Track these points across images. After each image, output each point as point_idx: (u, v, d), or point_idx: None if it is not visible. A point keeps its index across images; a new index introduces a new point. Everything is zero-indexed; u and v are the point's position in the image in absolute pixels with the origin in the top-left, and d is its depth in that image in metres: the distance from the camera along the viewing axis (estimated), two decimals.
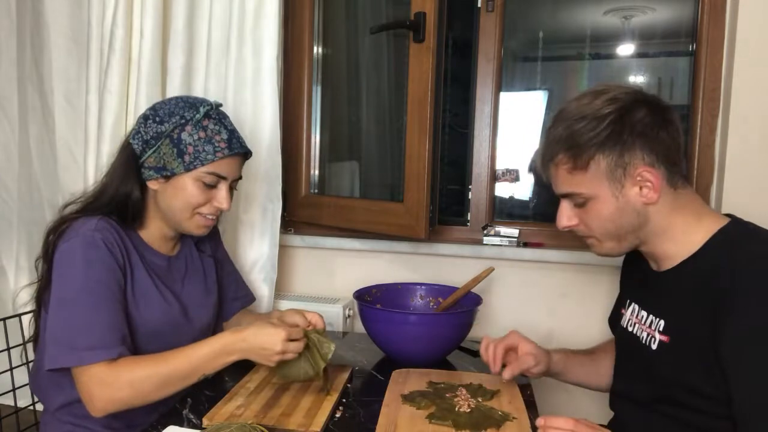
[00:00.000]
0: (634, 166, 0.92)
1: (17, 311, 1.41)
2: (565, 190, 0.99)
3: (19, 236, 1.89)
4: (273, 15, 1.58)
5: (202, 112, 1.13)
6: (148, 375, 1.03)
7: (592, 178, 0.94)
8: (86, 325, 1.02)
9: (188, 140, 1.11)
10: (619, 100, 0.93)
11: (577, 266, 1.59)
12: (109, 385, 1.01)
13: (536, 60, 2.08)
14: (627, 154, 0.92)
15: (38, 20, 1.77)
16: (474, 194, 1.76)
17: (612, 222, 0.96)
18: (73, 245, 1.06)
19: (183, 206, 1.15)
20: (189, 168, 1.11)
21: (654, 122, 0.92)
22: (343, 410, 1.09)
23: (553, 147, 0.97)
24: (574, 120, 0.94)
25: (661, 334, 0.96)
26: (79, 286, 1.04)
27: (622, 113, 0.92)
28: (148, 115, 1.14)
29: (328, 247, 1.79)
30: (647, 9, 1.88)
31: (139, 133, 1.14)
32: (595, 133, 0.92)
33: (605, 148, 0.92)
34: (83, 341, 1.01)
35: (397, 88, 1.81)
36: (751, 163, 1.42)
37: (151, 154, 1.12)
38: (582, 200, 0.97)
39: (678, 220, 0.95)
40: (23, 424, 1.33)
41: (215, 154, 1.12)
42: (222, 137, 1.13)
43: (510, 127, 1.80)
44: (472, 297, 1.43)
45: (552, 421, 0.82)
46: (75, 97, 1.76)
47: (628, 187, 0.94)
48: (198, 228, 1.18)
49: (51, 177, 1.82)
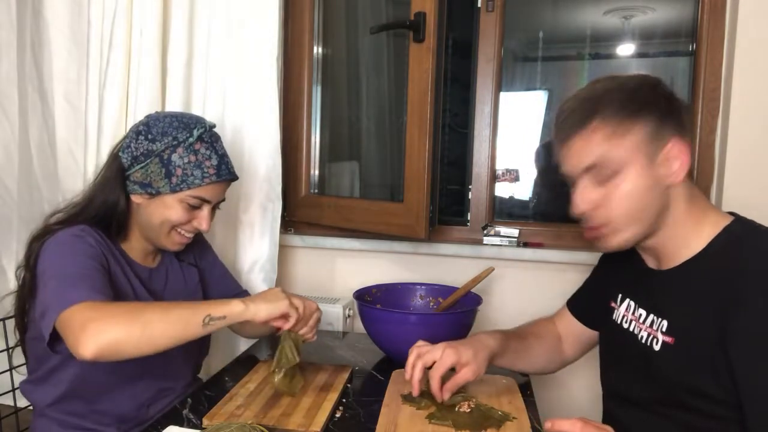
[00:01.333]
0: (668, 139, 0.89)
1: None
2: (591, 159, 0.91)
3: (19, 236, 1.89)
4: (273, 15, 1.58)
5: (196, 135, 1.12)
6: (139, 307, 0.99)
7: (628, 146, 0.89)
8: (72, 285, 0.97)
9: (178, 162, 1.11)
10: (640, 76, 0.93)
11: (577, 266, 1.59)
12: (95, 319, 0.90)
13: (536, 60, 2.08)
14: (666, 125, 0.89)
15: (38, 20, 1.77)
16: (474, 194, 1.77)
17: (639, 200, 0.90)
18: (58, 238, 1.06)
19: (162, 222, 1.14)
20: (175, 190, 1.12)
21: (679, 104, 0.92)
22: (343, 410, 1.09)
23: (582, 115, 0.91)
24: (605, 91, 0.91)
25: (665, 335, 0.94)
26: (65, 262, 1.03)
27: (655, 84, 0.91)
28: (141, 130, 1.13)
29: (328, 247, 1.79)
30: (647, 9, 1.88)
31: (129, 148, 1.14)
32: (633, 97, 0.89)
33: (645, 113, 0.89)
34: (68, 291, 0.96)
35: (397, 88, 1.82)
36: (751, 163, 1.42)
37: (138, 170, 1.12)
38: (609, 172, 0.90)
39: (691, 214, 0.93)
40: (23, 424, 1.33)
41: (203, 180, 1.12)
42: (212, 163, 1.14)
43: (510, 127, 1.80)
44: (472, 297, 1.43)
45: (559, 424, 0.80)
46: (75, 97, 1.76)
47: (660, 161, 0.90)
48: (173, 244, 1.19)
49: (51, 177, 1.81)
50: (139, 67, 1.59)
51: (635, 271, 1.04)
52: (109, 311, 0.93)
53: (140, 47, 1.59)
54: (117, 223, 1.15)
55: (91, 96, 1.66)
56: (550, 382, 1.61)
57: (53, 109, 1.78)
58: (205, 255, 1.40)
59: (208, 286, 1.37)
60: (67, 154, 1.77)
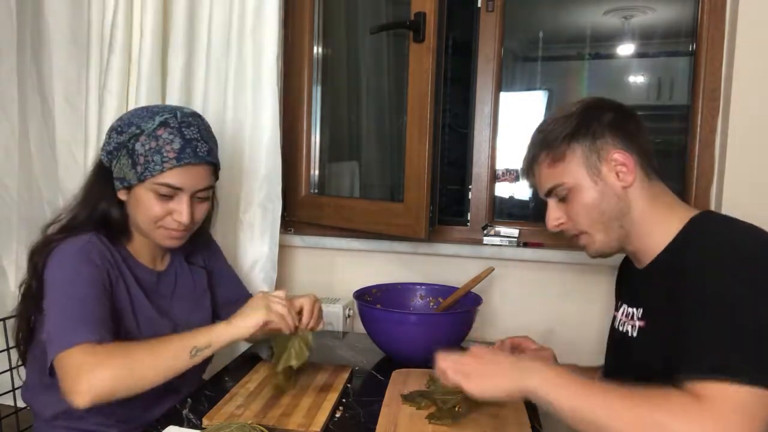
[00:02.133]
0: (606, 151, 0.99)
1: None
2: (549, 185, 1.04)
3: (19, 236, 1.89)
4: (273, 15, 1.58)
5: (157, 121, 1.09)
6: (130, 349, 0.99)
7: (571, 167, 1.01)
8: (72, 323, 0.99)
9: (140, 150, 1.08)
10: (583, 102, 1.05)
11: (577, 266, 1.59)
12: (89, 367, 0.94)
13: (536, 60, 2.08)
14: (599, 141, 0.99)
15: (38, 20, 1.77)
16: (474, 194, 1.77)
17: (595, 208, 1.00)
18: (65, 250, 1.06)
19: (144, 218, 1.12)
20: (141, 179, 1.09)
21: (618, 116, 1.01)
22: (343, 410, 1.09)
23: (534, 150, 1.06)
24: (547, 124, 1.05)
25: (639, 320, 1.00)
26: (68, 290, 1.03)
27: (588, 107, 1.03)
28: (115, 126, 1.13)
29: (328, 247, 1.79)
30: (647, 9, 1.88)
31: (105, 145, 1.13)
32: (566, 126, 1.01)
33: (578, 137, 1.00)
34: (68, 331, 0.98)
35: (397, 88, 1.81)
36: (751, 163, 1.42)
37: (115, 165, 1.12)
38: (565, 191, 1.02)
39: (656, 210, 0.99)
40: (23, 424, 1.33)
41: (162, 165, 1.08)
42: (173, 147, 1.08)
43: (510, 127, 1.80)
44: (472, 297, 1.43)
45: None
46: (75, 97, 1.76)
47: (605, 172, 0.99)
48: (165, 240, 1.15)
49: (51, 177, 1.82)
50: (139, 67, 1.59)
51: (629, 276, 1.11)
52: (101, 357, 0.95)
53: (140, 47, 1.59)
54: (117, 226, 1.14)
55: (91, 96, 1.66)
56: None
57: (53, 109, 1.78)
58: (214, 257, 1.39)
59: (215, 288, 1.36)
60: (67, 154, 1.77)
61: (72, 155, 1.77)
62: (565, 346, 1.59)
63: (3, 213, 1.91)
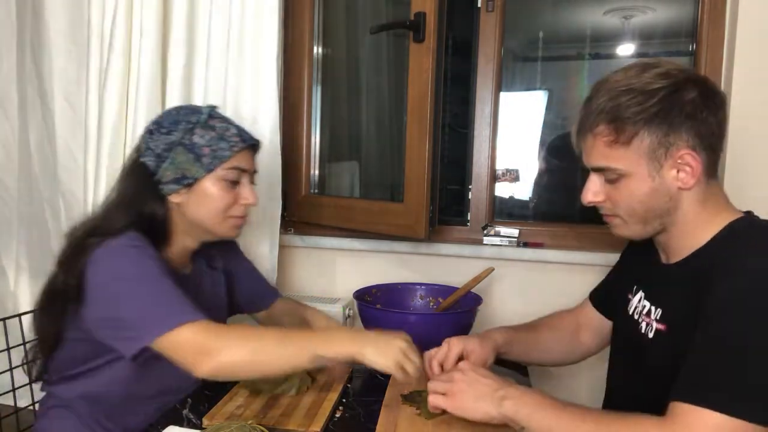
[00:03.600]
0: (677, 148, 0.88)
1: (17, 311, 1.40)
2: (600, 163, 0.93)
3: (19, 236, 1.89)
4: (273, 15, 1.58)
5: (206, 112, 1.12)
6: (256, 334, 0.99)
7: (632, 155, 0.90)
8: (159, 303, 0.98)
9: (201, 142, 1.09)
10: (671, 75, 0.89)
11: (577, 266, 1.59)
12: (213, 341, 0.94)
13: (536, 60, 2.08)
14: (673, 135, 0.88)
15: (38, 20, 1.77)
16: (474, 194, 1.77)
17: (642, 203, 0.92)
18: (114, 248, 1.02)
19: (212, 211, 1.12)
20: (209, 169, 1.09)
21: (705, 105, 0.88)
22: (343, 410, 1.09)
23: (595, 117, 0.92)
24: (621, 91, 0.89)
25: (658, 323, 0.96)
26: (141, 277, 1.00)
27: (674, 90, 0.88)
28: (153, 129, 1.12)
29: (328, 247, 1.79)
30: (647, 9, 1.89)
31: (150, 149, 1.10)
32: (642, 108, 0.88)
33: (652, 125, 0.88)
34: (164, 312, 0.97)
35: (397, 88, 1.82)
36: (751, 163, 1.42)
37: (167, 167, 1.09)
38: (615, 176, 0.92)
39: (702, 213, 0.93)
40: (23, 424, 1.33)
41: (231, 149, 1.10)
42: (232, 132, 1.12)
43: (510, 127, 1.80)
44: (472, 297, 1.43)
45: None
46: (75, 97, 1.76)
47: (667, 168, 0.90)
48: (231, 229, 1.16)
49: (51, 177, 1.81)
50: (139, 67, 1.59)
51: (650, 265, 1.05)
52: (224, 335, 0.96)
53: (140, 47, 1.59)
54: (160, 231, 1.11)
55: (91, 96, 1.66)
56: (550, 379, 1.61)
57: (53, 109, 1.78)
58: (233, 256, 1.38)
59: (237, 285, 1.35)
60: (67, 154, 1.77)
61: (72, 155, 1.76)
62: None
63: (3, 213, 1.91)
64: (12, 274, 1.90)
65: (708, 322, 0.81)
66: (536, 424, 0.86)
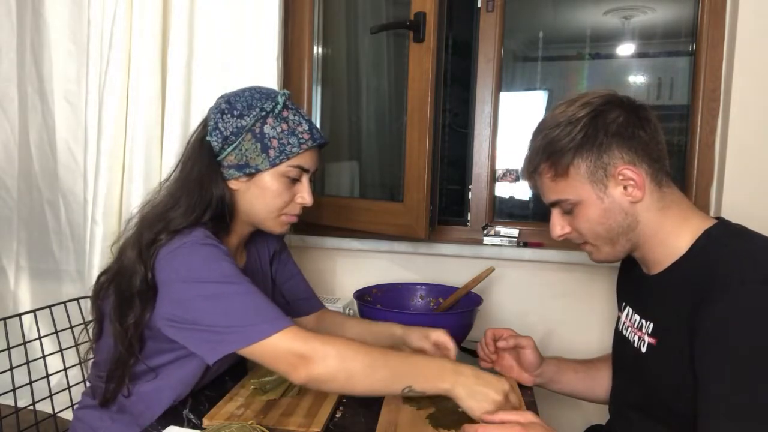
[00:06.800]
0: (614, 166, 0.92)
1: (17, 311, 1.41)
2: (552, 198, 0.99)
3: (19, 236, 1.90)
4: (273, 15, 1.58)
5: (281, 102, 1.06)
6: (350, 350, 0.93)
7: (575, 183, 0.95)
8: (248, 308, 0.94)
9: (271, 134, 1.05)
10: (591, 103, 0.94)
11: (577, 266, 1.59)
12: (312, 351, 0.91)
13: (536, 60, 2.08)
14: (605, 155, 0.92)
15: (38, 20, 1.77)
16: (474, 194, 1.77)
17: (601, 224, 0.95)
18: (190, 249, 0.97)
19: (268, 206, 1.08)
20: (274, 163, 1.05)
21: (629, 121, 0.92)
22: (343, 410, 1.09)
23: (535, 158, 0.98)
24: (550, 128, 0.95)
25: (650, 337, 0.96)
26: (226, 281, 0.95)
27: (595, 115, 0.93)
28: (224, 109, 1.06)
29: (328, 247, 1.79)
30: (647, 9, 1.89)
31: (218, 129, 1.05)
32: (570, 138, 0.93)
33: (582, 151, 0.93)
34: (258, 319, 0.92)
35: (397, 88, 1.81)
36: (751, 163, 1.42)
37: (231, 151, 1.05)
38: (569, 206, 0.97)
39: (666, 222, 0.94)
40: (23, 424, 1.33)
41: (300, 147, 1.06)
42: (304, 128, 1.07)
43: (510, 127, 1.80)
44: (472, 297, 1.43)
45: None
46: (75, 97, 1.76)
47: (612, 187, 0.93)
48: (280, 226, 1.12)
49: (51, 177, 1.82)
50: (139, 67, 1.59)
51: (635, 279, 1.06)
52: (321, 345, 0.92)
53: (140, 47, 1.59)
54: (225, 216, 1.06)
55: (91, 96, 1.66)
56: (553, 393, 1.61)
57: (53, 109, 1.78)
58: (281, 252, 1.35)
59: (277, 282, 1.33)
60: (67, 154, 1.77)
61: (72, 155, 1.77)
62: (565, 346, 1.59)
63: (3, 213, 1.91)
64: (12, 274, 1.90)
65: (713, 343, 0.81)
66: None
